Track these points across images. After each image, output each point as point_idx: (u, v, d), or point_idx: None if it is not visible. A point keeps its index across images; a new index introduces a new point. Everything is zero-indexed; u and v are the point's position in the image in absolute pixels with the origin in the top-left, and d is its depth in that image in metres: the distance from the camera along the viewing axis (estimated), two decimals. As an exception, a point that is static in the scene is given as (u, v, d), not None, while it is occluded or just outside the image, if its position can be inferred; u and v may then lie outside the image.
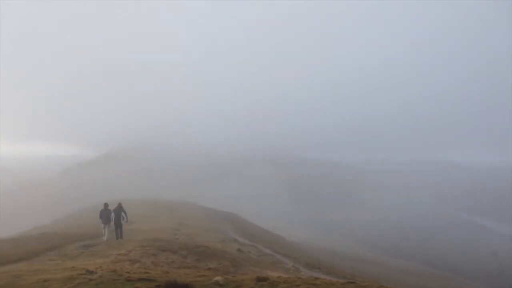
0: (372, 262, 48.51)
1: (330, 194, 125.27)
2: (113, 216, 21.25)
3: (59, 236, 23.63)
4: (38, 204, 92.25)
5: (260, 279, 10.02)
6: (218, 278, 9.54)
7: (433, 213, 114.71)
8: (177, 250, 17.46)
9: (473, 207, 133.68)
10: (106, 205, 21.65)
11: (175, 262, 14.85)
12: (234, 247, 22.82)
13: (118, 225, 21.49)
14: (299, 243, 47.46)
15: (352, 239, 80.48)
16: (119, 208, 21.51)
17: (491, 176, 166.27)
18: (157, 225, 32.77)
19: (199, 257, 16.62)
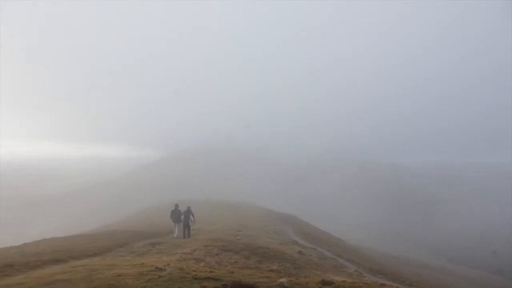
0: (438, 269, 45.99)
1: (397, 199, 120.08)
2: (183, 217, 23.02)
3: (128, 233, 24.91)
4: (108, 202, 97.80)
5: (325, 283, 9.84)
6: (282, 280, 9.49)
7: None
8: (239, 250, 17.68)
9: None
10: (176, 206, 23.78)
11: (238, 263, 15.03)
12: (295, 249, 22.65)
13: (187, 226, 23.13)
14: (361, 247, 46.15)
15: (416, 245, 76.82)
16: (188, 211, 23.19)
17: None
18: (218, 225, 33.42)
19: (261, 258, 16.69)
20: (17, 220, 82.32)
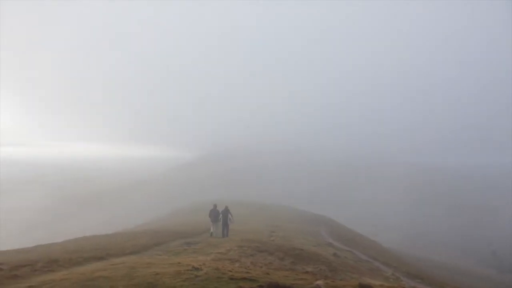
0: (479, 276, 44.21)
1: (437, 202, 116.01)
2: (221, 217, 23.93)
3: (164, 232, 25.35)
4: (143, 201, 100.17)
5: (362, 286, 9.64)
6: (319, 282, 9.37)
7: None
8: (273, 251, 17.64)
9: None
10: (215, 205, 24.71)
11: (272, 264, 14.99)
12: (329, 251, 22.40)
13: (225, 225, 23.97)
14: (395, 250, 45.06)
15: (456, 250, 74.08)
16: (226, 211, 24.09)
17: None
18: (252, 226, 33.50)
19: (295, 259, 16.58)
20: (58, 218, 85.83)
